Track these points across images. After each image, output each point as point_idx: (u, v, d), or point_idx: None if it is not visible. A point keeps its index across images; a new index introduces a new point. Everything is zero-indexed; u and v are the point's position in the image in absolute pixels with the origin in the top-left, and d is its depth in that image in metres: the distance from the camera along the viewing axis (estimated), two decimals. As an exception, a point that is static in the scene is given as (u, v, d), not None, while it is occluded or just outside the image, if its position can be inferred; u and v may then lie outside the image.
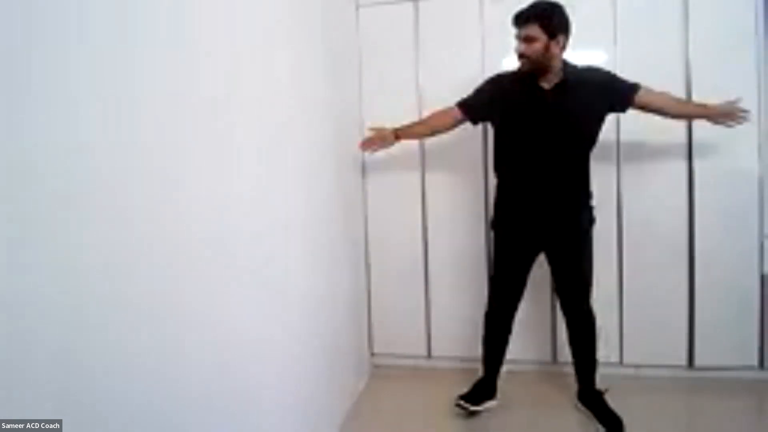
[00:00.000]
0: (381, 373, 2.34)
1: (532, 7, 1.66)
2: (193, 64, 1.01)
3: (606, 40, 2.06)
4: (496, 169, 1.88)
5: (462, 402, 1.84)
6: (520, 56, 1.68)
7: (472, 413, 1.86)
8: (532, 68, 1.69)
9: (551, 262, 1.86)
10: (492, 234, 1.95)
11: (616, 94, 1.73)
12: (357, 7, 2.27)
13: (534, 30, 1.63)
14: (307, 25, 1.69)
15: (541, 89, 1.72)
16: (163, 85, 0.91)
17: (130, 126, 0.82)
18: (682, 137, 2.02)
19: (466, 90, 1.92)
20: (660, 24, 2.02)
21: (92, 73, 0.75)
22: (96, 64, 0.76)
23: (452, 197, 2.26)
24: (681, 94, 2.00)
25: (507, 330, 1.92)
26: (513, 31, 1.70)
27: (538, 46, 1.64)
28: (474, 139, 2.18)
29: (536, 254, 1.86)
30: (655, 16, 2.02)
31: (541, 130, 1.71)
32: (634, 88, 1.73)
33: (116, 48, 0.80)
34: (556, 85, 1.70)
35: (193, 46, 1.01)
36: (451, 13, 2.20)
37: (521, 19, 1.65)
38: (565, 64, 1.73)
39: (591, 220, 1.84)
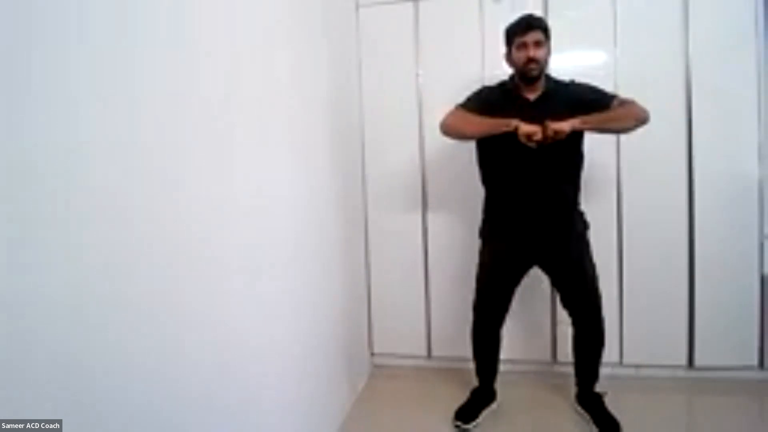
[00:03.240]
0: (381, 373, 2.34)
1: (530, 16, 1.71)
2: (193, 64, 1.01)
3: (606, 40, 2.06)
4: (484, 181, 1.86)
5: (459, 423, 1.82)
6: (531, 61, 1.66)
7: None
8: (539, 74, 1.70)
9: (551, 276, 1.82)
10: (480, 243, 1.90)
11: (591, 106, 1.66)
12: (357, 7, 2.27)
13: (541, 35, 1.67)
14: (307, 25, 1.69)
15: (526, 100, 1.73)
16: (163, 85, 0.91)
17: (130, 126, 0.82)
18: (683, 137, 2.02)
19: (466, 90, 1.92)
20: (660, 24, 2.02)
21: (92, 73, 0.75)
22: (96, 64, 0.76)
23: (453, 197, 2.26)
24: (681, 94, 2.01)
25: (496, 341, 1.90)
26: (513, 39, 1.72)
27: (545, 51, 1.69)
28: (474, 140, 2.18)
29: (527, 269, 1.84)
30: (655, 16, 2.03)
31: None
32: (607, 99, 1.68)
33: (116, 48, 0.80)
34: (539, 96, 1.73)
35: (193, 46, 1.01)
36: (451, 13, 2.20)
37: (531, 24, 1.67)
38: (547, 76, 1.76)
39: (584, 225, 1.80)
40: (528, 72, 1.68)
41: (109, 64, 0.78)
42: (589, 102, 1.67)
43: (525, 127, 1.57)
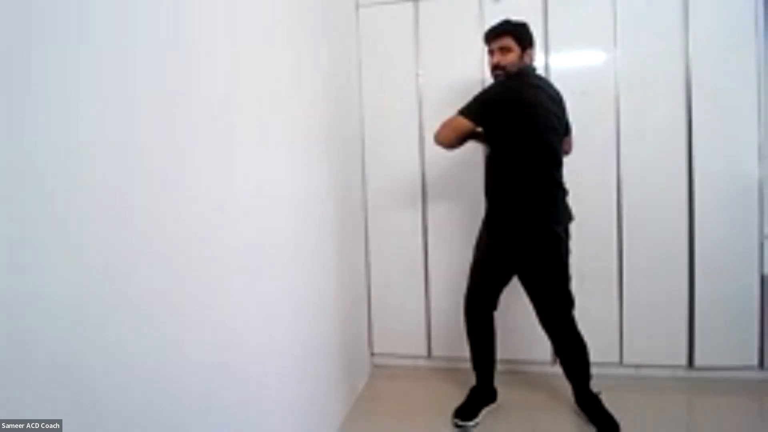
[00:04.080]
0: (381, 373, 2.34)
1: (503, 22, 1.76)
2: (193, 64, 1.01)
3: (606, 40, 2.06)
4: None
5: (458, 421, 1.82)
6: (495, 68, 1.75)
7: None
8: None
9: (523, 285, 1.81)
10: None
11: None
12: (357, 7, 2.27)
13: (508, 41, 1.73)
14: (307, 25, 1.69)
15: None
16: (163, 85, 0.91)
17: (130, 126, 0.82)
18: (683, 137, 2.02)
19: (466, 89, 1.92)
20: (660, 24, 2.02)
21: (92, 73, 0.75)
22: (96, 64, 0.76)
23: (453, 197, 2.26)
24: (681, 94, 2.01)
25: (489, 327, 1.90)
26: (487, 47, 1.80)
27: (512, 56, 1.73)
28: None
29: (506, 266, 1.82)
30: (655, 16, 2.03)
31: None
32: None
33: (116, 48, 0.80)
34: None
35: (193, 46, 1.01)
36: (451, 13, 2.20)
37: (495, 33, 1.76)
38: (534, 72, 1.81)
39: (548, 242, 1.70)
40: (494, 77, 1.78)
41: (109, 64, 0.78)
42: None
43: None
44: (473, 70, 2.17)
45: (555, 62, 2.09)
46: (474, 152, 2.20)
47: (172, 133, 0.94)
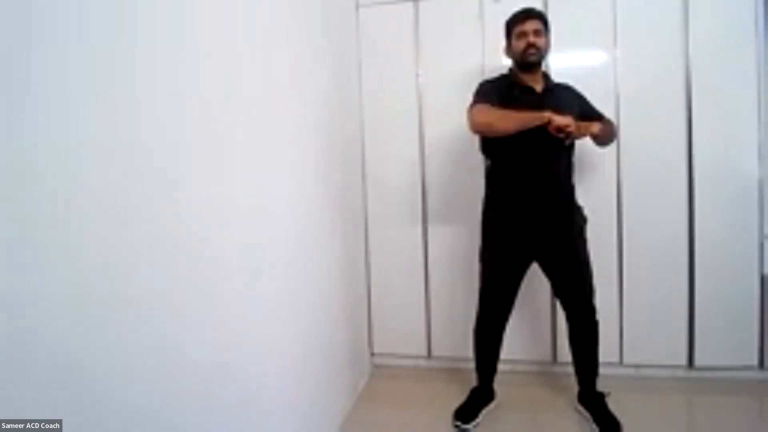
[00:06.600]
0: (381, 373, 2.34)
1: (532, 8, 1.77)
2: (193, 64, 1.01)
3: (606, 40, 2.06)
4: (488, 173, 1.89)
5: (458, 423, 1.82)
6: (531, 46, 1.71)
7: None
8: (538, 60, 1.75)
9: (547, 269, 1.82)
10: (480, 237, 1.89)
11: (588, 114, 1.81)
12: (357, 7, 2.27)
13: (540, 25, 1.73)
14: (307, 25, 1.69)
15: (534, 90, 1.77)
16: (163, 85, 0.91)
17: (130, 126, 0.82)
18: (683, 137, 2.02)
19: (467, 89, 1.92)
20: (660, 24, 2.02)
21: (92, 73, 0.75)
22: (96, 64, 0.76)
23: (453, 197, 2.26)
24: (681, 94, 2.01)
25: (498, 341, 1.91)
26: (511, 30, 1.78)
27: (544, 40, 1.74)
28: (474, 139, 2.18)
29: (528, 263, 1.83)
30: (655, 16, 2.03)
31: (534, 131, 1.65)
32: (599, 114, 1.84)
33: (116, 48, 0.80)
34: (545, 89, 1.78)
35: (193, 46, 1.01)
36: (451, 13, 2.20)
37: (530, 14, 1.74)
38: (545, 74, 1.84)
39: (583, 219, 1.82)
40: (527, 57, 1.72)
41: (109, 64, 0.78)
42: (588, 110, 1.81)
43: (558, 120, 1.58)
44: (473, 70, 2.17)
45: (555, 62, 2.09)
46: (476, 153, 2.20)
47: (172, 133, 0.94)
